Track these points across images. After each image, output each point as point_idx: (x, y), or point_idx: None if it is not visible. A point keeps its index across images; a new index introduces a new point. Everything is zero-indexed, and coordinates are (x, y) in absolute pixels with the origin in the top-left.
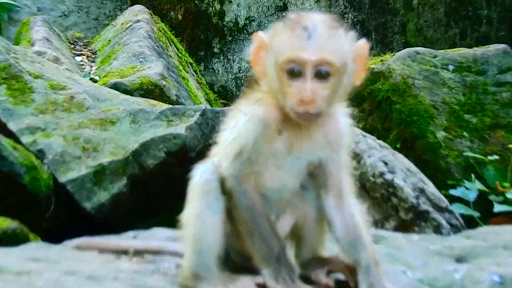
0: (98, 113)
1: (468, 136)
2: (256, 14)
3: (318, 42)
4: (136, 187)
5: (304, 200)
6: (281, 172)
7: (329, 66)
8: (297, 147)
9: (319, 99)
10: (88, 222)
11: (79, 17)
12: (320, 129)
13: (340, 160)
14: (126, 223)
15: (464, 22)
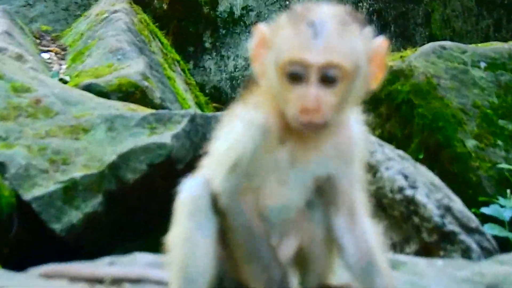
0: (68, 119)
1: (503, 145)
2: (254, 3)
3: (325, 42)
4: (114, 206)
5: (310, 220)
6: (284, 188)
7: (338, 70)
8: (303, 159)
9: (324, 107)
10: (57, 246)
11: (46, 7)
12: (329, 139)
13: (352, 174)
14: (102, 247)
15: (499, 11)
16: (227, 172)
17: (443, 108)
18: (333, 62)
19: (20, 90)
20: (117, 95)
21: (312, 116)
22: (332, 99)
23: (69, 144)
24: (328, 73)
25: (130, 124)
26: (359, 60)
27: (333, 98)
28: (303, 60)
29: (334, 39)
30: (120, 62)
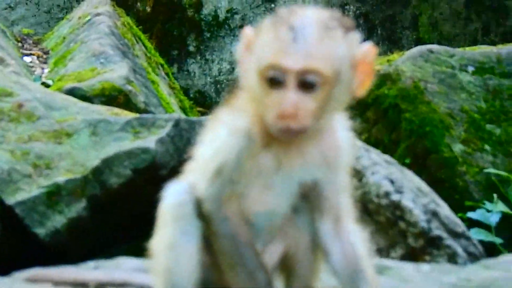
0: (51, 123)
1: (490, 149)
2: (239, 6)
3: (305, 47)
4: (98, 210)
5: (296, 226)
6: (269, 193)
7: (316, 76)
8: (288, 165)
9: (302, 113)
10: (41, 251)
11: (28, 10)
12: (315, 144)
13: (338, 180)
14: (86, 252)
15: (487, 14)
16: (211, 178)
17: (430, 113)
18: (312, 68)
19: (2, 95)
20: (100, 99)
21: (289, 121)
22: (311, 104)
23: (52, 149)
24: (307, 79)
25: (113, 129)
26: (341, 66)
27: (312, 104)
28: (281, 65)
29: (314, 44)
30: (103, 66)
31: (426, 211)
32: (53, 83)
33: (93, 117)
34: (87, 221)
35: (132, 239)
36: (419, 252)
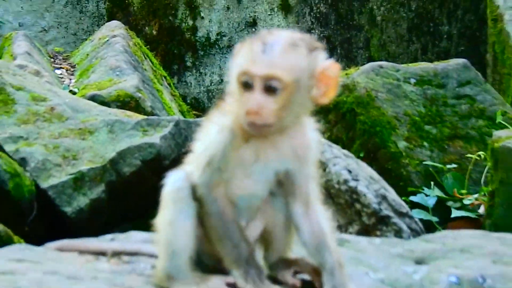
0: (77, 123)
1: (428, 146)
2: (227, 30)
3: (270, 57)
4: (114, 193)
5: (273, 207)
6: (250, 180)
7: (278, 82)
8: (264, 156)
9: (265, 111)
10: (68, 226)
11: (59, 32)
12: (287, 141)
13: (307, 172)
14: (104, 227)
15: (425, 37)
16: (204, 168)
17: (380, 116)
18: (273, 75)
19: (38, 100)
20: (116, 104)
21: (254, 117)
22: (273, 105)
23: (77, 144)
24: (270, 84)
25: (126, 128)
26: (301, 76)
27: (273, 105)
28: (250, 71)
29: (278, 56)
30: (118, 77)
31: (377, 195)
32: (78, 91)
33: (110, 118)
34: (105, 202)
35: (140, 216)
36: (372, 228)
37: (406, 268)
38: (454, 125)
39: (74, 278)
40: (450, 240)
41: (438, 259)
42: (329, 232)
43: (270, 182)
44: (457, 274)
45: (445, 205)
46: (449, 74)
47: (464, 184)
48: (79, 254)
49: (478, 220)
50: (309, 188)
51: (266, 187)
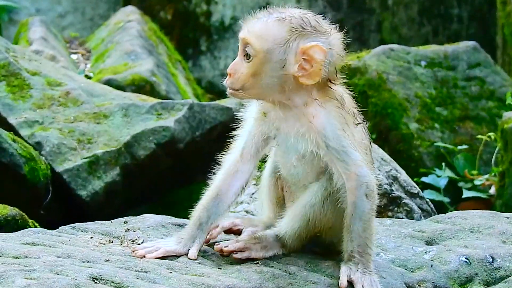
0: (92, 107)
1: (439, 127)
2: (240, 14)
3: (252, 26)
4: (128, 177)
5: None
6: (281, 151)
7: (250, 48)
8: (284, 130)
9: (236, 75)
10: (83, 209)
11: (75, 18)
12: (299, 120)
13: (331, 152)
14: (118, 210)
15: (436, 20)
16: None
17: (391, 98)
18: (247, 40)
19: (53, 84)
20: (131, 88)
21: (227, 79)
22: (244, 70)
23: (92, 127)
24: (245, 49)
25: (141, 111)
26: (274, 48)
27: (245, 70)
28: (239, 36)
29: (259, 25)
30: (133, 62)
31: (388, 176)
32: (93, 75)
33: (125, 102)
34: (120, 185)
35: (155, 199)
36: (383, 209)
37: (416, 248)
38: (464, 107)
39: (87, 261)
40: (459, 220)
41: (448, 239)
42: (359, 217)
43: (299, 155)
44: (467, 254)
45: (456, 185)
46: (459, 56)
47: (475, 165)
48: (91, 236)
49: (489, 200)
50: (341, 168)
51: (298, 158)
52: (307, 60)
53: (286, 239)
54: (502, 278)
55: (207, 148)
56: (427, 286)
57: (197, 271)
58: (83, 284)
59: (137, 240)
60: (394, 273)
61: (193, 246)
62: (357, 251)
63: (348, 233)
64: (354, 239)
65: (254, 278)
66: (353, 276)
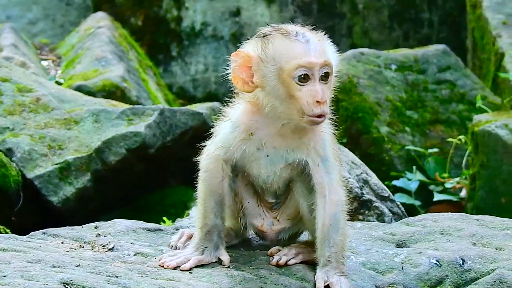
0: (62, 113)
1: (410, 130)
2: (211, 19)
3: (317, 48)
4: (100, 182)
5: (299, 193)
6: (259, 165)
7: (329, 68)
8: (270, 146)
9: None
10: (55, 215)
11: (46, 24)
12: (296, 132)
13: (322, 164)
14: (89, 215)
15: (407, 24)
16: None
17: (362, 102)
18: (328, 61)
19: (23, 90)
20: (102, 94)
21: (323, 107)
22: (329, 94)
23: (63, 133)
24: (326, 71)
25: (112, 117)
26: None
27: (329, 93)
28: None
29: (321, 46)
30: (104, 68)
31: (359, 180)
32: (64, 81)
33: (96, 108)
34: (91, 191)
35: (127, 204)
36: (354, 212)
37: (387, 251)
38: (435, 110)
39: (58, 266)
40: (430, 222)
41: (419, 241)
42: (338, 227)
43: (280, 169)
44: (437, 256)
45: (427, 189)
46: (430, 60)
47: (446, 168)
48: (62, 242)
49: (460, 203)
50: (325, 180)
51: (276, 172)
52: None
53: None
54: (473, 280)
55: (178, 153)
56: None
57: (168, 275)
58: None
59: (107, 245)
60: (365, 276)
61: (222, 254)
62: (334, 257)
63: (326, 240)
64: (332, 246)
65: (225, 282)
66: (331, 279)
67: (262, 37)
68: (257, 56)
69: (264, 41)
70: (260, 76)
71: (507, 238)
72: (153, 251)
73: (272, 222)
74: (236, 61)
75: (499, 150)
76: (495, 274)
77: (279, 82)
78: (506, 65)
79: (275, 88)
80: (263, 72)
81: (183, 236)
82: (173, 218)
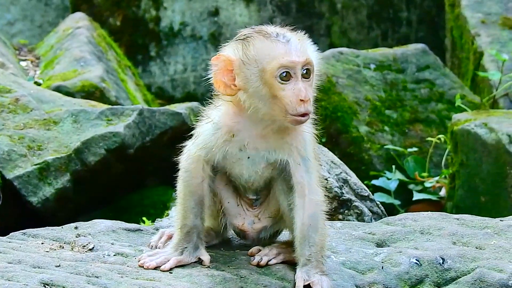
0: (42, 114)
1: (389, 130)
2: (189, 19)
3: (298, 47)
4: (79, 182)
5: (279, 192)
6: (240, 165)
7: (311, 66)
8: (251, 146)
9: (310, 98)
10: (35, 216)
11: (24, 25)
12: (278, 132)
13: (302, 164)
14: (71, 216)
15: (385, 24)
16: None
17: (341, 101)
18: (309, 60)
19: (2, 91)
20: (81, 94)
21: (307, 106)
22: (312, 92)
23: (42, 134)
24: (308, 67)
25: (91, 117)
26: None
27: (311, 92)
28: (293, 61)
29: (301, 45)
30: (83, 68)
31: (339, 179)
32: (43, 82)
33: (75, 108)
34: (71, 191)
35: (105, 205)
36: (334, 212)
37: (367, 250)
38: (414, 109)
39: (38, 266)
40: (410, 222)
41: (399, 241)
42: (318, 227)
43: (261, 168)
44: (417, 256)
45: (406, 188)
46: (408, 59)
47: (425, 167)
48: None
49: (439, 202)
50: (305, 180)
51: (258, 172)
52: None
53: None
54: (453, 279)
55: (158, 153)
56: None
57: (148, 275)
58: None
59: (87, 245)
60: (345, 275)
61: (202, 254)
62: (314, 257)
63: (306, 240)
64: (311, 246)
65: (205, 282)
66: (312, 278)
67: (242, 39)
68: (239, 59)
69: (245, 43)
70: (242, 79)
71: (487, 237)
72: (133, 251)
73: (253, 221)
74: (217, 65)
75: (479, 149)
76: (475, 273)
77: (261, 83)
78: (485, 64)
79: (257, 90)
80: (245, 75)
81: (163, 236)
82: (153, 218)
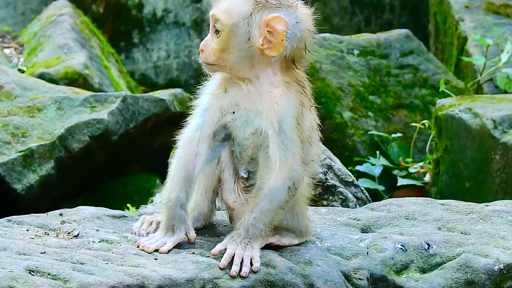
0: (25, 101)
1: (373, 116)
2: (172, 6)
3: (219, 2)
4: (63, 169)
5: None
6: (236, 126)
7: (219, 23)
8: (242, 106)
9: (207, 50)
10: (19, 203)
11: (7, 13)
12: (260, 97)
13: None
14: (53, 202)
15: (368, 9)
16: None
17: (324, 87)
18: (216, 16)
19: None
20: (64, 81)
21: (201, 55)
22: (215, 45)
23: (26, 121)
24: (216, 24)
25: (74, 104)
26: (240, 22)
27: (215, 45)
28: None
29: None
30: (66, 55)
31: (323, 165)
32: (27, 69)
33: (59, 95)
34: (55, 178)
35: (89, 192)
36: (318, 198)
37: (352, 236)
38: (398, 95)
39: (24, 253)
40: (395, 207)
41: (384, 226)
42: (273, 199)
43: (252, 129)
44: (402, 241)
45: (391, 174)
46: (392, 45)
47: (409, 152)
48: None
49: (423, 188)
50: (278, 154)
51: (251, 132)
52: (271, 32)
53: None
54: (438, 265)
55: (141, 140)
56: (363, 273)
57: (133, 262)
58: (20, 277)
59: (72, 232)
60: (330, 261)
61: (189, 229)
62: (251, 223)
63: (252, 206)
64: (253, 212)
65: (190, 268)
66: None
67: None
68: None
69: None
70: None
71: (472, 223)
72: (118, 238)
73: (243, 204)
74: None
75: (463, 134)
76: (460, 259)
77: None
78: (469, 49)
79: None
80: None
81: (145, 223)
82: (137, 205)
